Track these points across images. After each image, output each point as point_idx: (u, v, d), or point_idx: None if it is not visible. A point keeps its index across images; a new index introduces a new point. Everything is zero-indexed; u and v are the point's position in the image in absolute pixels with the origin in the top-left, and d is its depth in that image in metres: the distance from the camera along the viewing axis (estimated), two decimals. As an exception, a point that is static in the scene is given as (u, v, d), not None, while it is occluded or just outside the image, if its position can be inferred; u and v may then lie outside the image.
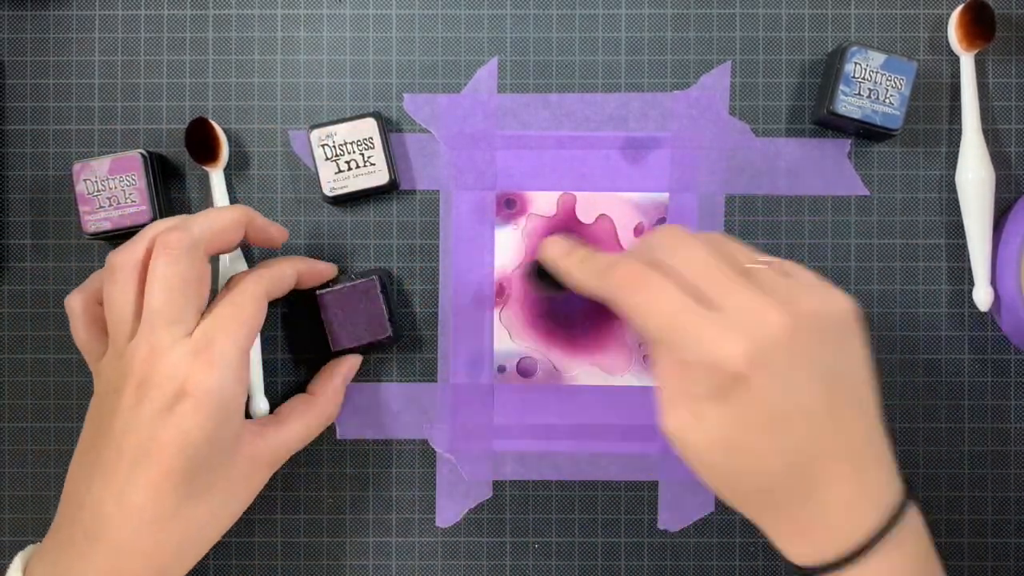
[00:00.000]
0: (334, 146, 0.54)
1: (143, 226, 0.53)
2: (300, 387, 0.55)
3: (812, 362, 0.40)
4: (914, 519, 0.43)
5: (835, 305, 0.42)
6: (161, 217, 0.54)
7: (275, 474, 0.55)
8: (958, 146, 0.54)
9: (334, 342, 0.53)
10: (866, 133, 0.54)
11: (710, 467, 0.42)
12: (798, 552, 0.42)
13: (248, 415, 0.55)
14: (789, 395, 0.40)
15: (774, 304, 0.40)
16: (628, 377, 0.55)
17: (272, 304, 0.55)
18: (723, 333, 0.40)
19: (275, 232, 0.51)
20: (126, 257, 0.47)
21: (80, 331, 0.50)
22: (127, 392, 0.45)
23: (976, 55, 0.54)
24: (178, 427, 0.44)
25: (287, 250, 0.55)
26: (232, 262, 0.54)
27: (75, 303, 0.50)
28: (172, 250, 0.46)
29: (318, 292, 0.53)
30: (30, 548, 0.48)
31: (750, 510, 0.43)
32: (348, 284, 0.53)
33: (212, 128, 0.54)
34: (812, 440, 0.40)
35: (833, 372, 0.41)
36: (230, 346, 0.46)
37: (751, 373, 0.39)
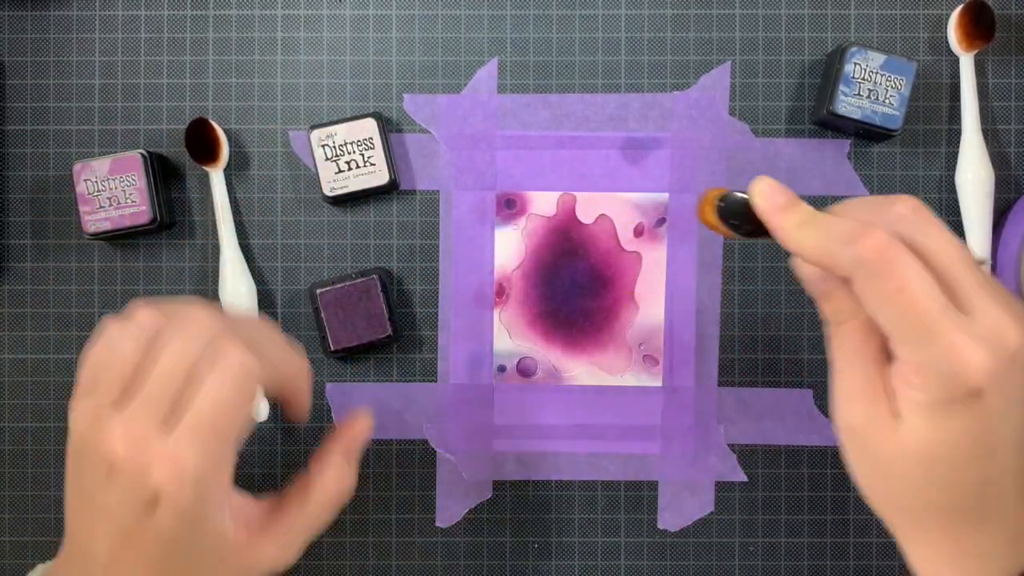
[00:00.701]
0: (334, 146, 0.54)
1: (143, 226, 0.53)
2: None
3: None
4: None
5: None
6: (160, 217, 0.54)
7: (275, 476, 0.55)
8: (958, 146, 0.54)
9: (333, 340, 0.53)
10: (866, 133, 0.54)
11: (888, 474, 0.39)
12: (935, 571, 0.40)
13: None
14: (1011, 420, 0.37)
15: (1015, 320, 0.37)
16: (628, 377, 0.55)
17: (271, 304, 0.55)
18: (971, 343, 0.36)
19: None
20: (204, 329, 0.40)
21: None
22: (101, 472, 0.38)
23: (976, 55, 0.54)
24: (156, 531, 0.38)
25: (289, 253, 0.56)
26: (232, 265, 0.54)
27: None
28: (244, 373, 0.39)
29: (318, 291, 0.53)
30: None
31: (907, 524, 0.40)
32: (348, 283, 0.53)
33: (212, 128, 0.54)
34: (1013, 471, 0.38)
35: None
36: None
37: (988, 390, 0.36)
